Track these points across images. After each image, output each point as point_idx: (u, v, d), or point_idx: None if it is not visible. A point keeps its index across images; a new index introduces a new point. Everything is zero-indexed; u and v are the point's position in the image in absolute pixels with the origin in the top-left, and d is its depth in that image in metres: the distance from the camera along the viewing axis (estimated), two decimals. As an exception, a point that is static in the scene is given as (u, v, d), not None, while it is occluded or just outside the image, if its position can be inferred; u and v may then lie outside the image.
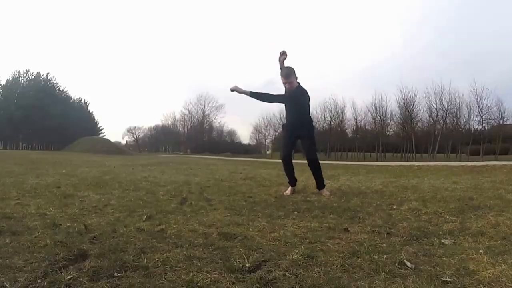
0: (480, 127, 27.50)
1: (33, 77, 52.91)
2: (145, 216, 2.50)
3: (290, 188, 3.98)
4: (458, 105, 27.73)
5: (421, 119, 30.69)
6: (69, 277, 1.29)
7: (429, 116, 29.71)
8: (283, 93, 3.90)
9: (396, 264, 1.51)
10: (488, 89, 26.04)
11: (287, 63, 3.87)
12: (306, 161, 3.94)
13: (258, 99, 3.83)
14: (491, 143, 27.76)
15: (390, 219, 2.53)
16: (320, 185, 3.92)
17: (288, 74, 3.70)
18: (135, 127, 59.97)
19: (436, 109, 28.72)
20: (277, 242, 1.88)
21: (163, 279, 1.33)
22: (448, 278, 1.36)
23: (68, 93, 57.53)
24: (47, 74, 54.12)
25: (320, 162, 3.93)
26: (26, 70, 52.75)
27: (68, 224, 2.18)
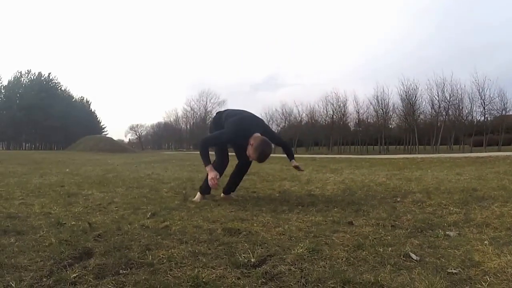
0: (482, 118, 27.38)
1: (34, 77, 53.05)
2: (149, 213, 2.51)
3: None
4: (460, 96, 27.54)
5: (423, 111, 30.51)
6: (74, 275, 1.30)
7: (431, 108, 29.55)
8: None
9: (401, 257, 1.51)
10: (490, 80, 25.81)
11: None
12: (306, 156, 3.84)
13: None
14: (494, 134, 27.59)
15: (395, 211, 2.52)
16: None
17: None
18: (137, 125, 60.32)
19: (438, 101, 28.53)
20: (282, 237, 1.88)
21: (168, 275, 1.33)
22: (454, 269, 1.35)
23: (70, 92, 57.73)
24: (49, 74, 54.27)
25: (323, 156, 3.91)
26: (27, 71, 52.93)
27: (73, 223, 2.19)
